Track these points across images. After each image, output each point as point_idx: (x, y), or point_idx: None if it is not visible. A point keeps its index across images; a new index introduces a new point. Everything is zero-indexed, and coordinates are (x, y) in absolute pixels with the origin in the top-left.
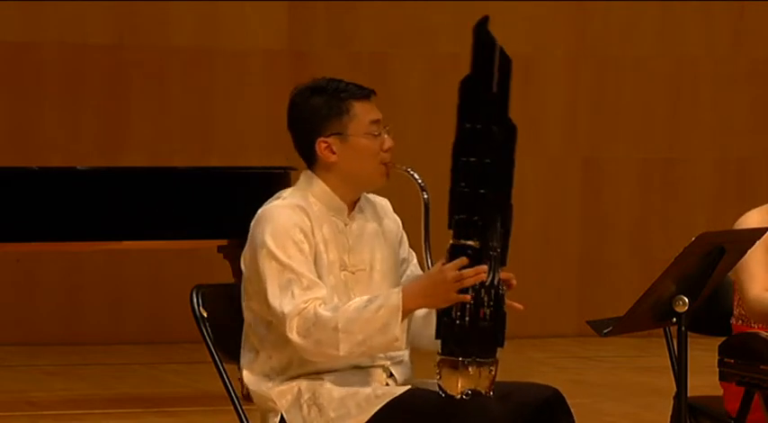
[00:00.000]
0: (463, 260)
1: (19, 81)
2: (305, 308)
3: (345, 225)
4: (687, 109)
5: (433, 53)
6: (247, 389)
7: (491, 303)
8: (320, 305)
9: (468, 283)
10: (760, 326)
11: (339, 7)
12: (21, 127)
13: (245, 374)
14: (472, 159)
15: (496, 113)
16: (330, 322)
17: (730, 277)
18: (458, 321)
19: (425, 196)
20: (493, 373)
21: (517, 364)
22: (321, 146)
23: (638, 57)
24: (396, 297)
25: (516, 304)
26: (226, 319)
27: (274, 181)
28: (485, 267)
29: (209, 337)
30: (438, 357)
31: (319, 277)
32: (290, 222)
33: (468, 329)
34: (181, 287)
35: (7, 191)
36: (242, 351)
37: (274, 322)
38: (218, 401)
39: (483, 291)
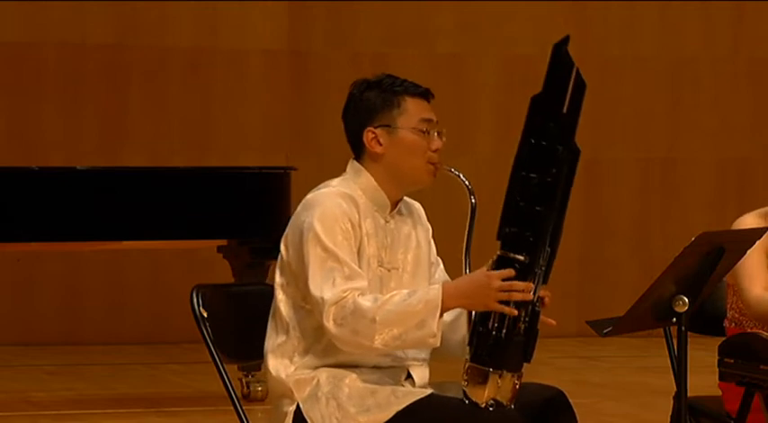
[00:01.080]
0: (510, 272)
1: (19, 81)
2: (344, 297)
3: (386, 222)
4: (687, 109)
5: (432, 53)
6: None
7: (527, 319)
8: (359, 296)
9: (515, 296)
10: (753, 328)
11: (339, 7)
12: (21, 127)
13: (269, 358)
14: (532, 175)
15: (563, 134)
16: (369, 313)
17: (724, 280)
18: (494, 332)
19: (473, 200)
20: (517, 386)
21: None
22: (368, 136)
23: (638, 57)
24: (435, 293)
25: (550, 320)
26: (226, 319)
27: (274, 181)
28: (532, 286)
29: (209, 337)
30: (467, 364)
31: None
32: (339, 210)
33: (504, 342)
34: (181, 287)
35: (7, 191)
36: (268, 334)
37: (308, 307)
38: (218, 401)
39: (522, 306)
